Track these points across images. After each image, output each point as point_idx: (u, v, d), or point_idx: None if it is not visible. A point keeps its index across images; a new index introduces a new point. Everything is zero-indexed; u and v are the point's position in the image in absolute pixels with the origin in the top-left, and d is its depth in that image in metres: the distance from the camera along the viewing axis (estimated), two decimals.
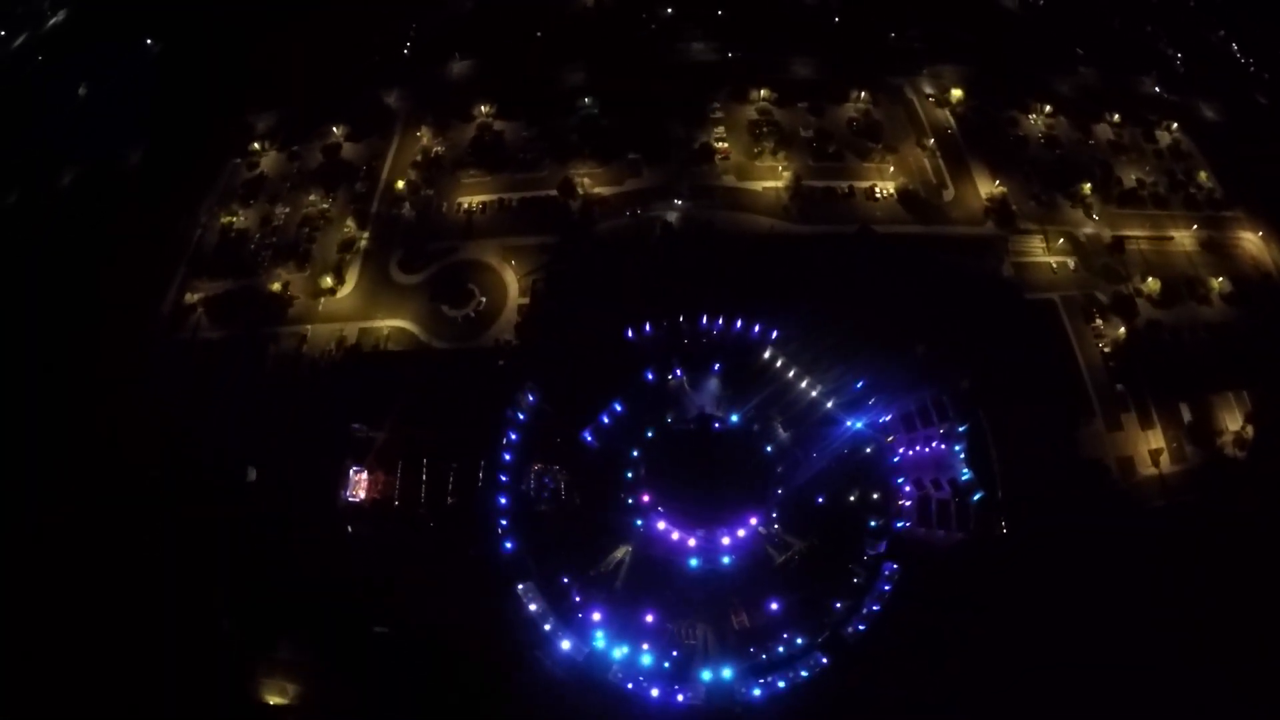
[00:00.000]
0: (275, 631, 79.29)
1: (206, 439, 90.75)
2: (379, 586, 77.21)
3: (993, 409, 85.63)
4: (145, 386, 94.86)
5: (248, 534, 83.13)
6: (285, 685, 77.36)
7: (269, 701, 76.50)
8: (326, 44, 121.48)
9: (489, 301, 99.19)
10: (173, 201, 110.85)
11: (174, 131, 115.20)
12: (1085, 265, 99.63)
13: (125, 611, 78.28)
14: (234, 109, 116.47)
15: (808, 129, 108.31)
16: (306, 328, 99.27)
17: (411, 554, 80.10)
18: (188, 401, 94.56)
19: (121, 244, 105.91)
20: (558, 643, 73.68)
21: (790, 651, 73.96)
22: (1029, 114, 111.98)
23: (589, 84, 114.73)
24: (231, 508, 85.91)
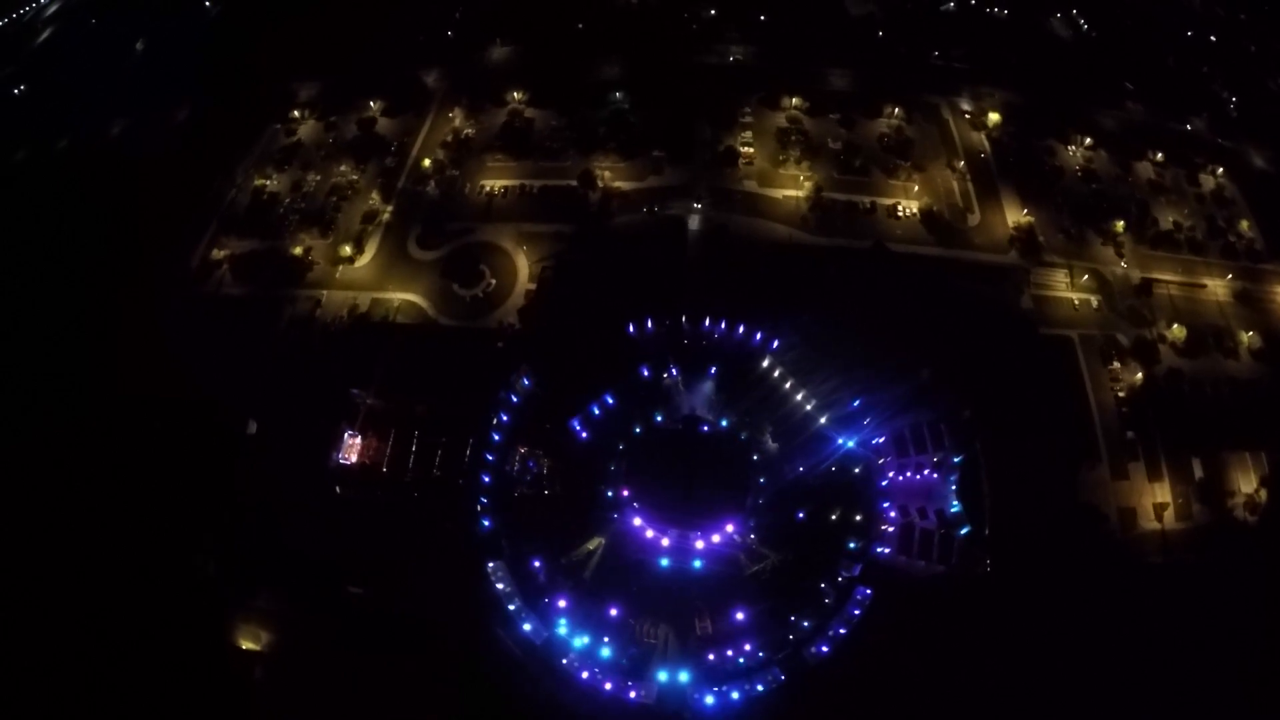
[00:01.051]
0: (256, 580, 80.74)
1: (214, 389, 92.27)
2: (358, 548, 78.00)
3: (992, 443, 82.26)
4: (164, 334, 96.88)
5: (241, 484, 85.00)
6: (259, 632, 79.01)
7: (241, 645, 78.24)
8: (373, 19, 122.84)
9: (498, 284, 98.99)
10: (212, 160, 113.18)
11: (222, 93, 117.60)
12: (1109, 305, 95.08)
13: (113, 544, 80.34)
14: (279, 76, 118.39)
15: (836, 141, 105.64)
16: (322, 293, 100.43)
17: (392, 520, 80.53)
18: (201, 352, 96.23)
19: (161, 196, 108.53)
20: (520, 623, 73.69)
21: (749, 664, 72.32)
22: (1068, 145, 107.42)
23: (623, 79, 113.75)
24: (229, 457, 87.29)
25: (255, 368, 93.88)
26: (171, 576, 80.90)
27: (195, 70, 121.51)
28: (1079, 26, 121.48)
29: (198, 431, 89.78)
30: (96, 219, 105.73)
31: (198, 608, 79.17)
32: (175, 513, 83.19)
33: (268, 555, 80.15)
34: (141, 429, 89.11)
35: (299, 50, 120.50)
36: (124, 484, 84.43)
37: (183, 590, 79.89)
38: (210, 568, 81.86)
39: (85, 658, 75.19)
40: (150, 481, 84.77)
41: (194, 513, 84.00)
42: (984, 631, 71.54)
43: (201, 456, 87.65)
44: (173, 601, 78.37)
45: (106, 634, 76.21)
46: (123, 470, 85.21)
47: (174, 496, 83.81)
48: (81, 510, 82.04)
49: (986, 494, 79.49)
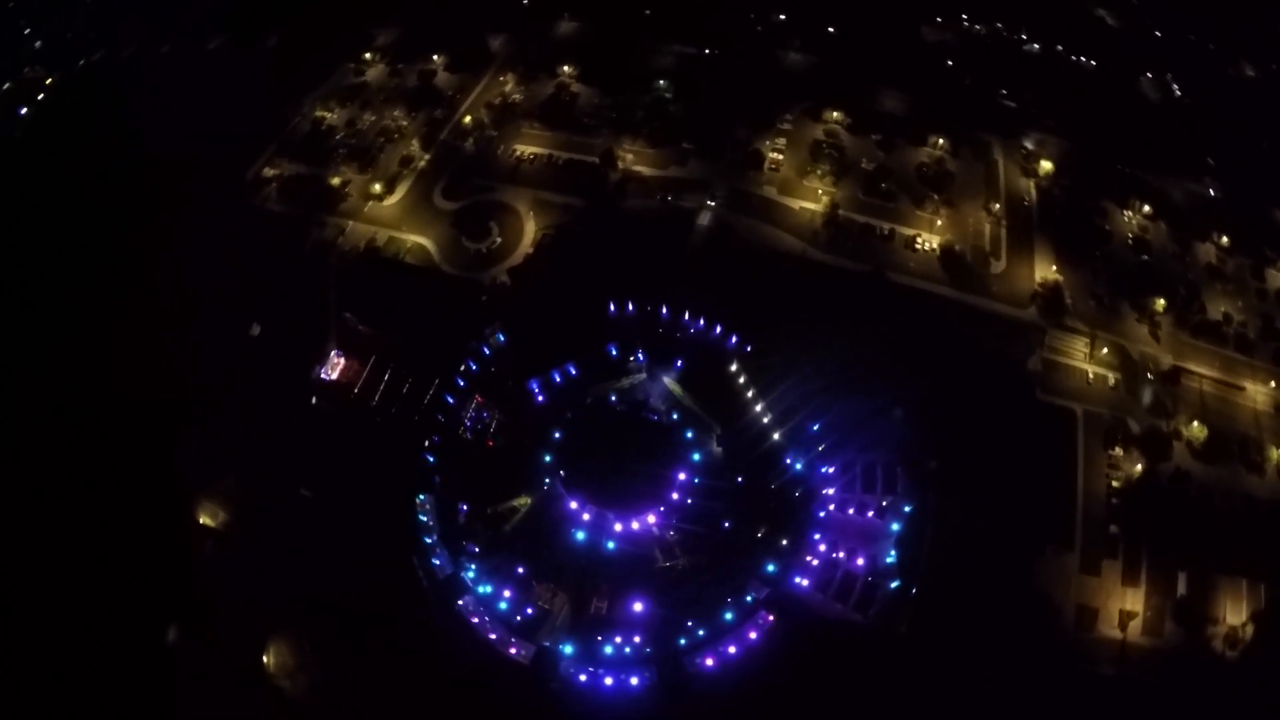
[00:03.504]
0: (225, 465, 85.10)
1: (230, 290, 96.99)
2: (317, 456, 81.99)
3: (950, 501, 74.88)
4: (206, 238, 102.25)
5: (230, 377, 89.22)
6: (218, 511, 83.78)
7: (200, 519, 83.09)
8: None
9: (503, 243, 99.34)
10: (286, 86, 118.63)
11: (307, 25, 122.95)
12: (1128, 386, 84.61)
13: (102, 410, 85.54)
14: (360, 18, 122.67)
15: (871, 162, 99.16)
16: (348, 223, 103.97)
17: (351, 438, 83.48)
18: (233, 258, 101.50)
19: (237, 112, 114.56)
20: (431, 557, 74.42)
21: (631, 655, 68.96)
22: (1125, 209, 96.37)
23: (673, 68, 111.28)
24: (227, 351, 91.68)
25: (273, 278, 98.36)
26: (150, 447, 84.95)
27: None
28: (1170, 90, 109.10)
29: (201, 324, 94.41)
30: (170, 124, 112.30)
31: (170, 478, 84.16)
32: (164, 393, 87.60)
33: (241, 445, 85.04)
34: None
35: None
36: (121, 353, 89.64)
37: (158, 462, 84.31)
38: (195, 445, 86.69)
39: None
40: (143, 358, 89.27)
41: (179, 396, 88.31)
42: (880, 696, 65.12)
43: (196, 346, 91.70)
44: (146, 470, 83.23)
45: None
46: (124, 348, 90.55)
47: (164, 376, 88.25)
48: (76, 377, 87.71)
49: (927, 553, 72.19)
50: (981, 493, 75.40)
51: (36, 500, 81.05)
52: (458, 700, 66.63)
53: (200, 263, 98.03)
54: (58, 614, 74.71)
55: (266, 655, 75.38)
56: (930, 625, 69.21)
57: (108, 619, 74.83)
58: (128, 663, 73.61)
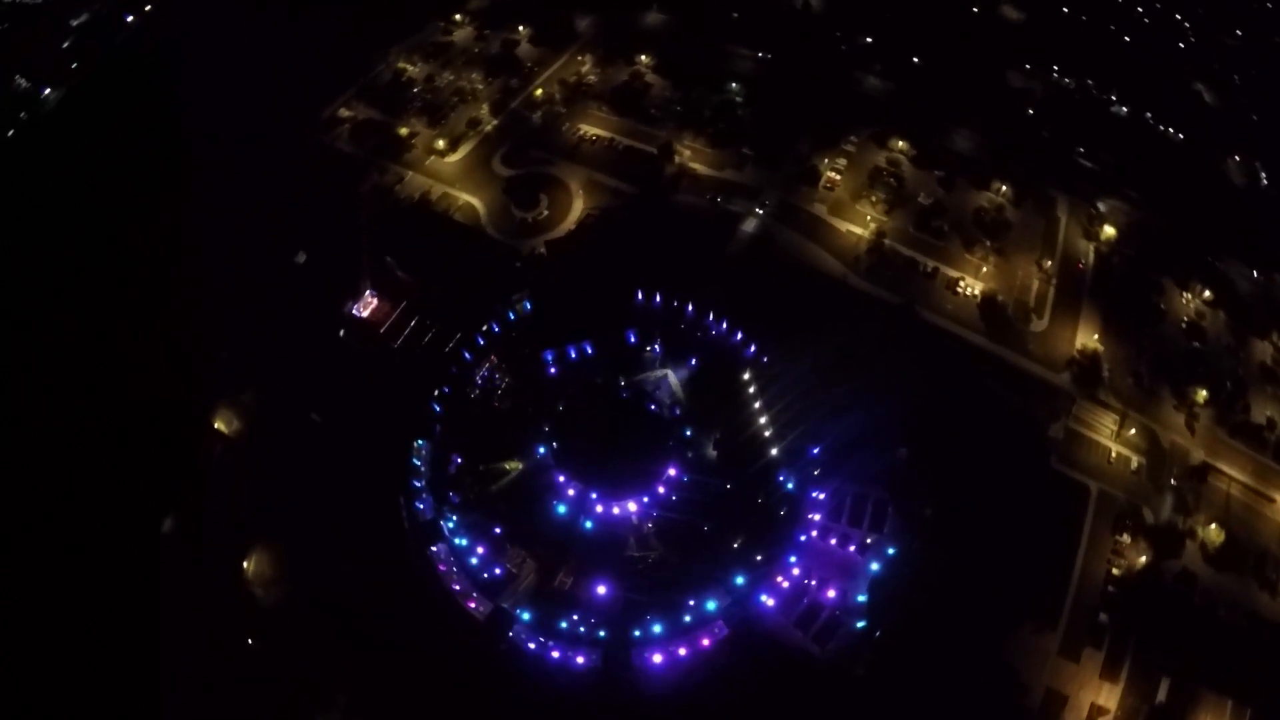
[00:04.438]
0: (249, 378, 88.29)
1: (284, 217, 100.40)
2: (334, 385, 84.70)
3: (936, 553, 71.99)
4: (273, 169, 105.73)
5: (270, 298, 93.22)
6: (233, 419, 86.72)
7: (215, 424, 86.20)
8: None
9: (549, 216, 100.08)
10: (376, 35, 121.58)
11: None
12: (1150, 474, 79.70)
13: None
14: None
15: (929, 197, 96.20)
16: (408, 173, 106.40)
17: (367, 375, 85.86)
18: (292, 187, 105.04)
19: (327, 54, 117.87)
20: (416, 500, 75.65)
21: (583, 634, 68.42)
22: (1185, 291, 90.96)
23: (749, 73, 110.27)
24: (272, 273, 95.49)
25: (328, 213, 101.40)
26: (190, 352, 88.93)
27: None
28: (1256, 177, 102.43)
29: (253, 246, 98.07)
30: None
31: (199, 380, 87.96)
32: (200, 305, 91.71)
33: (267, 362, 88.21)
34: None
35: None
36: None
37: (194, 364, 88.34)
38: (224, 355, 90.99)
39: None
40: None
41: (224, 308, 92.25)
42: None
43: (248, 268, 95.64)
44: (181, 370, 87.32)
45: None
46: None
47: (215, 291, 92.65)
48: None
49: (901, 600, 69.54)
50: (972, 551, 72.17)
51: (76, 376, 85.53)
52: (408, 638, 67.65)
53: (260, 188, 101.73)
54: (68, 489, 78.63)
55: (248, 562, 77.64)
56: (887, 674, 66.72)
57: (113, 501, 78.49)
58: (122, 545, 76.81)
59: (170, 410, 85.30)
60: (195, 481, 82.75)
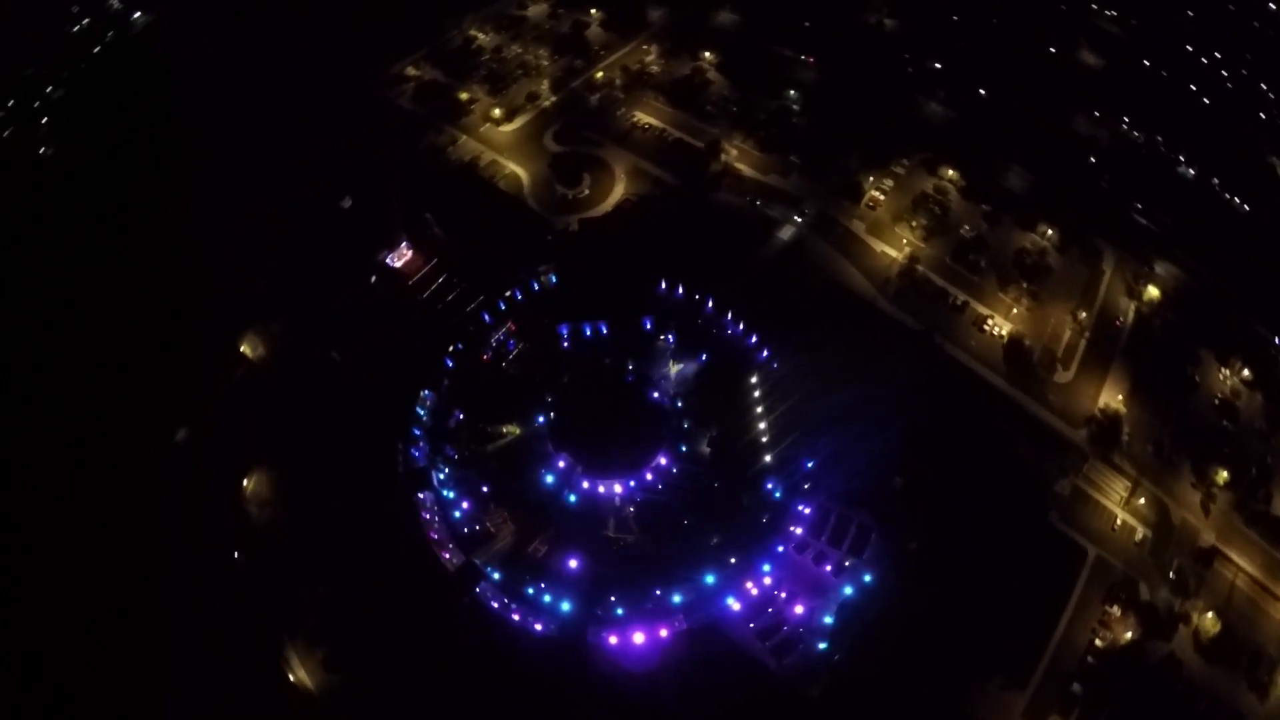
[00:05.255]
0: (280, 309, 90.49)
1: (337, 164, 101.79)
2: (357, 327, 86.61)
3: (913, 589, 69.14)
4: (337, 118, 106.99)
5: (312, 237, 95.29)
6: (259, 345, 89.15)
7: (242, 349, 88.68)
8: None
9: (589, 196, 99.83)
10: (455, 1, 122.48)
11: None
12: (1154, 549, 74.92)
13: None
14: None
15: (971, 230, 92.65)
16: (462, 137, 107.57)
17: (390, 322, 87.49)
18: (352, 135, 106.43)
19: (403, 13, 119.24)
20: (413, 448, 76.74)
21: (546, 603, 68.28)
22: (1224, 366, 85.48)
23: (811, 83, 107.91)
24: (317, 214, 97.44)
25: (380, 164, 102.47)
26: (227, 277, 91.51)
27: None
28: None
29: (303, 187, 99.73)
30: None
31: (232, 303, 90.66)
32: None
33: (298, 296, 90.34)
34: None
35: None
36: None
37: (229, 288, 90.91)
38: (261, 284, 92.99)
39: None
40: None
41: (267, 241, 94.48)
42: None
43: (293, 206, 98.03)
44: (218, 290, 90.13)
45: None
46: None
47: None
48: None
49: (868, 629, 67.08)
50: (951, 593, 69.24)
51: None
52: (381, 576, 68.71)
53: (320, 132, 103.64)
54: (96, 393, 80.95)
55: (248, 480, 79.16)
56: (840, 700, 64.70)
57: (135, 408, 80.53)
58: (135, 449, 78.68)
59: (202, 328, 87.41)
60: (214, 397, 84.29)
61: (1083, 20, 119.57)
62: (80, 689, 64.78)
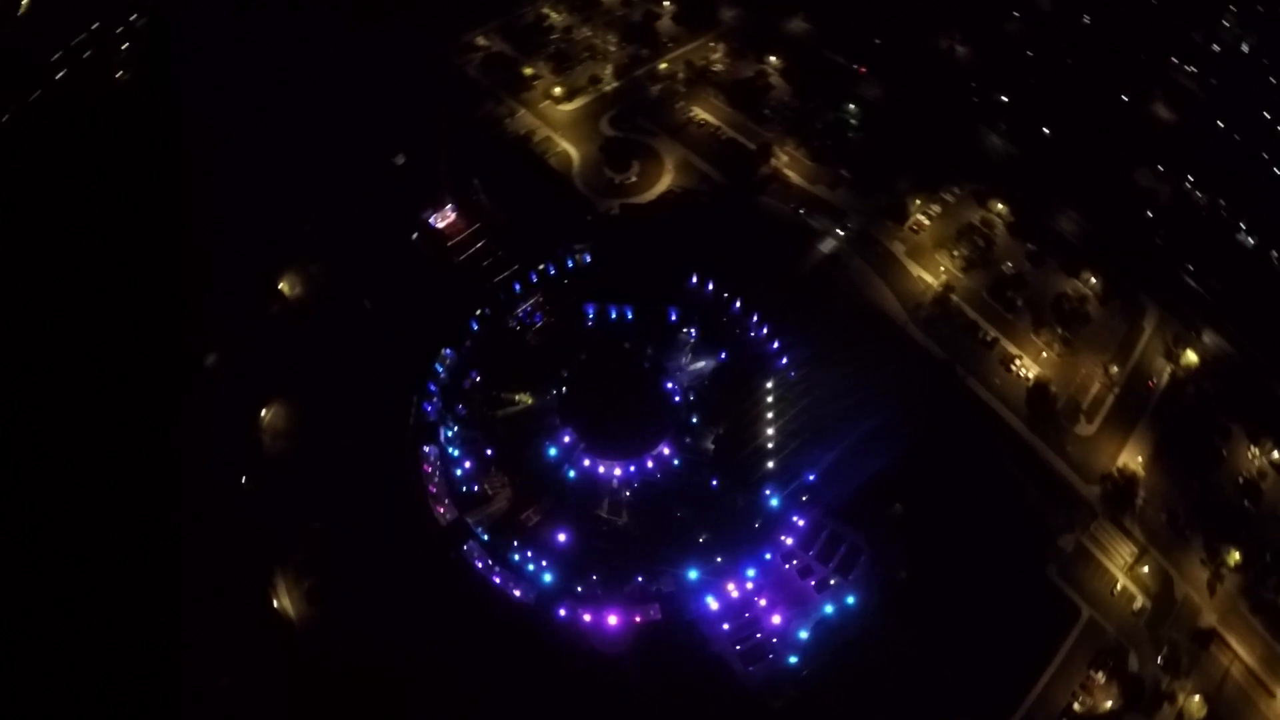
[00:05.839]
0: (321, 253, 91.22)
1: (400, 122, 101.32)
2: (391, 278, 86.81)
3: (894, 619, 66.06)
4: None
5: (361, 187, 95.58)
6: (297, 284, 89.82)
7: (280, 285, 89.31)
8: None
9: (636, 183, 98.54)
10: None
11: None
12: (1151, 620, 70.45)
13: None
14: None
15: (1013, 268, 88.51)
16: (521, 110, 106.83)
17: (423, 279, 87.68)
18: (414, 95, 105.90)
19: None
20: (425, 402, 76.67)
21: (528, 572, 67.36)
22: (1254, 444, 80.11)
23: (872, 99, 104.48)
24: (370, 167, 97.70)
25: (438, 129, 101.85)
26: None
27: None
28: None
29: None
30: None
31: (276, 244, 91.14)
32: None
33: (341, 243, 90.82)
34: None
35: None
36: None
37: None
38: (308, 225, 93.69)
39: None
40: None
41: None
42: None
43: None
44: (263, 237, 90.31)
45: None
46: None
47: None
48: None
49: (843, 652, 64.41)
50: (933, 630, 65.94)
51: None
52: (374, 520, 68.57)
53: (387, 90, 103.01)
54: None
55: (266, 410, 79.49)
56: (801, 717, 62.43)
57: (171, 331, 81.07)
58: (162, 369, 79.19)
59: (244, 261, 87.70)
60: (244, 329, 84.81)
61: (1161, 73, 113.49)
62: (83, 573, 65.59)
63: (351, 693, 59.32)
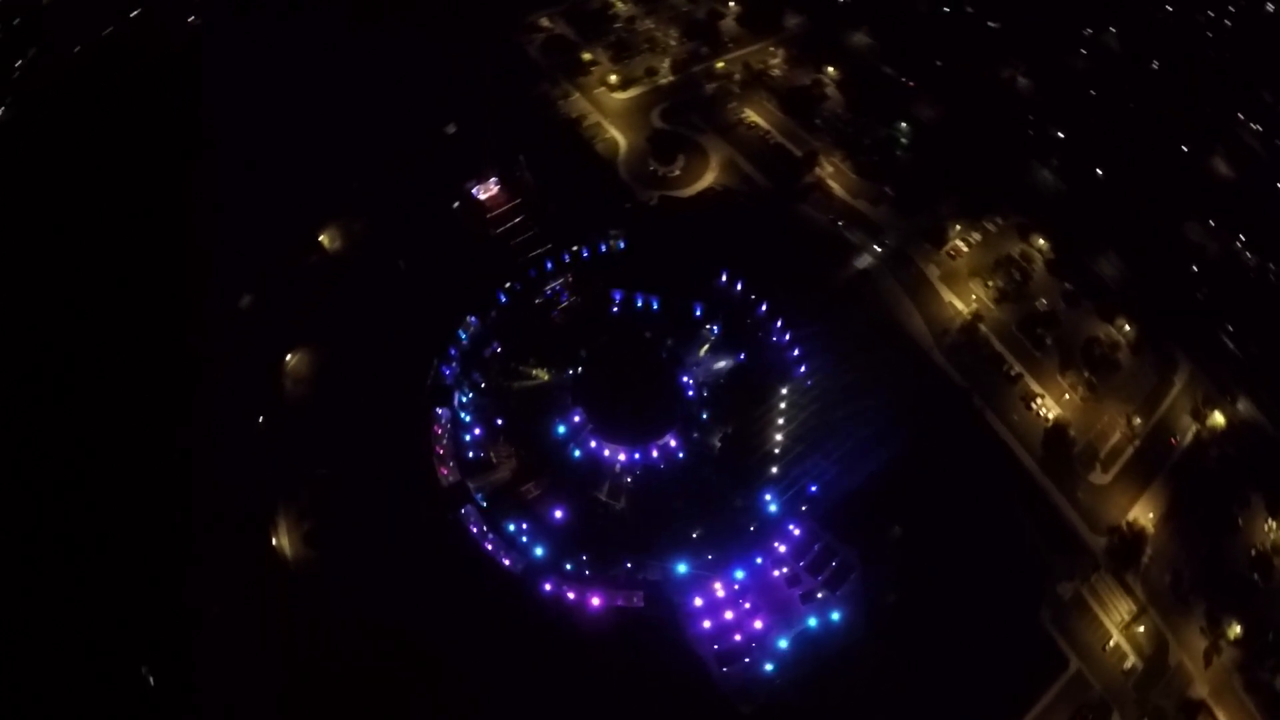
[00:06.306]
0: (363, 210, 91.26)
1: (456, 94, 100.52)
2: (428, 241, 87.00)
3: (876, 641, 64.08)
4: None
5: (406, 149, 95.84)
6: (337, 238, 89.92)
7: (321, 238, 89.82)
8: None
9: (679, 177, 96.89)
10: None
11: None
12: (1141, 683, 67.17)
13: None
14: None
15: (1046, 304, 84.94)
16: (575, 94, 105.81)
17: (458, 246, 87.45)
18: (473, 69, 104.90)
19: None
20: (445, 366, 76.44)
21: (520, 543, 66.75)
22: (1272, 518, 76.05)
23: (926, 120, 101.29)
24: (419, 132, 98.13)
25: (489, 101, 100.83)
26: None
27: None
28: None
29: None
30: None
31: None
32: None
33: (383, 203, 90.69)
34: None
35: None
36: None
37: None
38: (355, 184, 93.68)
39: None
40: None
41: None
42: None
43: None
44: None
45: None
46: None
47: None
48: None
49: (820, 667, 62.53)
50: (914, 659, 63.73)
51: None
52: (378, 474, 68.39)
53: (443, 62, 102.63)
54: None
55: (291, 355, 79.61)
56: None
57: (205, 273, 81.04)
58: (200, 308, 79.72)
59: (286, 212, 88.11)
60: (282, 273, 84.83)
61: (1224, 127, 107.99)
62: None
63: (333, 636, 59.14)
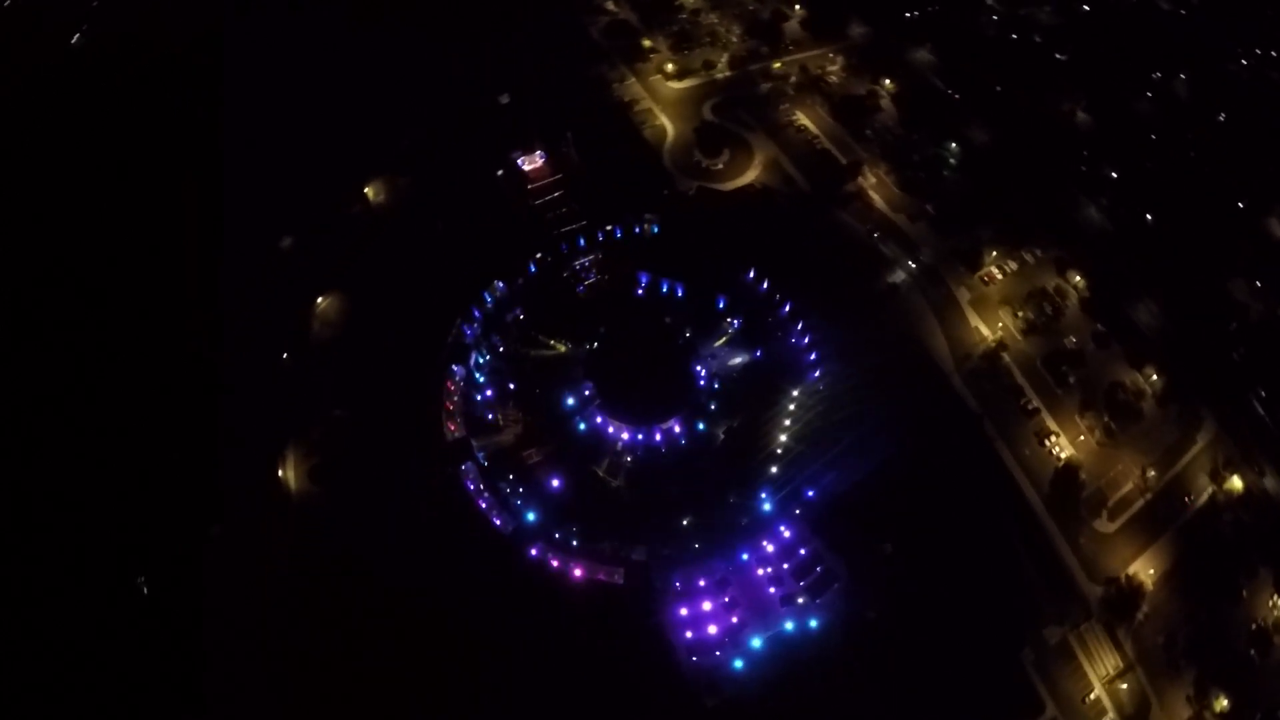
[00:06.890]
0: (412, 167, 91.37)
1: (517, 66, 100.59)
2: (467, 204, 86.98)
3: (851, 656, 61.72)
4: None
5: (460, 116, 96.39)
6: (381, 192, 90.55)
7: (366, 190, 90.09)
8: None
9: (722, 170, 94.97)
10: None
11: None
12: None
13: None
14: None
15: (1076, 343, 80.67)
16: (631, 79, 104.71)
17: (497, 213, 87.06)
18: (537, 43, 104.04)
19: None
20: (467, 327, 76.46)
21: (514, 506, 66.13)
22: (1279, 593, 70.66)
23: (977, 144, 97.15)
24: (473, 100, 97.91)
25: (545, 76, 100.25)
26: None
27: None
28: None
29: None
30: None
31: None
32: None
33: (425, 162, 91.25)
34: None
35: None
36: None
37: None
38: (405, 142, 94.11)
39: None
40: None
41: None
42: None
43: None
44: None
45: None
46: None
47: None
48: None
49: (789, 672, 60.58)
50: (886, 681, 61.24)
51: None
52: (389, 423, 68.76)
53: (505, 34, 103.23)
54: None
55: (323, 298, 79.55)
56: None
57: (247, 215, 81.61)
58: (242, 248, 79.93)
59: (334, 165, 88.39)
60: (324, 218, 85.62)
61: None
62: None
63: (323, 567, 58.87)
